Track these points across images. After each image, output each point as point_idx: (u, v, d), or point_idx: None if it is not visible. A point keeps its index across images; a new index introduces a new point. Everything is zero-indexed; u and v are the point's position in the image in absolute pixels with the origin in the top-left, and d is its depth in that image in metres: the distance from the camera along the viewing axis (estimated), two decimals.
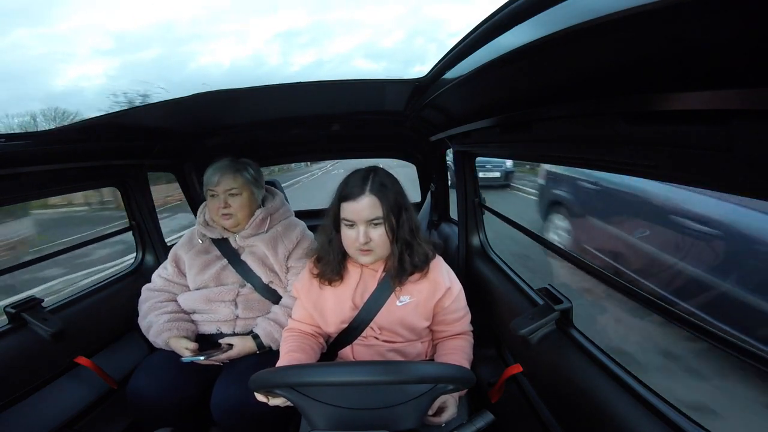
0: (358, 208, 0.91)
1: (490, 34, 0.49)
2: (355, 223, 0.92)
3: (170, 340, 1.20)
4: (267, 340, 1.21)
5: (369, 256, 0.96)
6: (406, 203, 0.98)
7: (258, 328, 1.23)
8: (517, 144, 0.89)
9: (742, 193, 0.41)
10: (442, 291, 1.01)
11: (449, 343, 1.04)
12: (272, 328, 1.21)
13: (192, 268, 1.33)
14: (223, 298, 1.28)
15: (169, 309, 1.27)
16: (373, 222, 0.92)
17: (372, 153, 2.31)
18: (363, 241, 0.92)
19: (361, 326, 1.02)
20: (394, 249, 0.96)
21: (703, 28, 0.30)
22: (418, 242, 0.99)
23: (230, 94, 0.93)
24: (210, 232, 1.35)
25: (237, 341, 1.20)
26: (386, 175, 0.98)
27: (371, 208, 0.91)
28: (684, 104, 0.38)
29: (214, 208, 1.30)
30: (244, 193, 1.31)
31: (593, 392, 0.73)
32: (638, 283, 2.36)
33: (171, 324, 1.22)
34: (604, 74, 0.49)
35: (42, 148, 0.99)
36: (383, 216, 0.92)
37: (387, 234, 0.94)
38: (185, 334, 1.23)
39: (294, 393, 0.71)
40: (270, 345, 1.21)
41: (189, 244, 1.38)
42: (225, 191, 1.29)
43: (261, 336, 1.21)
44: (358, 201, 0.91)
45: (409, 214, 0.98)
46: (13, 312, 1.13)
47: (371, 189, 0.92)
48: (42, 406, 1.13)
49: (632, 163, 0.51)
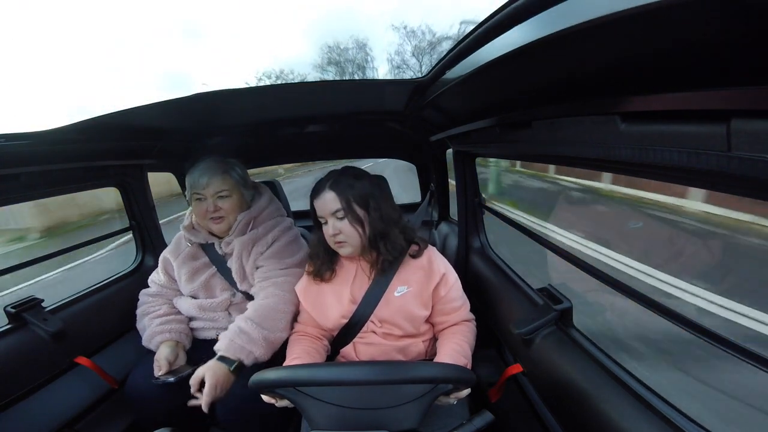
0: (322, 203, 1.01)
1: (490, 34, 0.49)
2: (325, 217, 1.01)
3: (161, 345, 1.18)
4: (234, 353, 1.03)
5: (344, 248, 1.02)
6: (375, 194, 1.03)
7: (218, 345, 1.06)
8: (516, 144, 0.89)
9: (741, 194, 0.41)
10: (437, 277, 1.04)
11: (450, 330, 1.06)
12: (232, 335, 1.05)
13: (181, 275, 1.30)
14: (216, 309, 1.26)
15: (161, 312, 1.26)
16: (337, 215, 1.00)
17: (372, 153, 2.31)
18: (332, 233, 1.00)
19: (361, 320, 1.03)
20: (366, 239, 1.01)
21: (703, 28, 0.31)
22: (393, 230, 1.03)
23: (230, 94, 0.93)
24: (195, 237, 1.29)
25: (204, 372, 0.98)
26: (351, 172, 1.04)
27: (331, 202, 0.99)
28: (683, 104, 0.38)
29: (202, 212, 1.23)
30: (234, 195, 1.25)
31: (593, 392, 0.74)
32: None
33: (162, 327, 1.21)
34: (604, 74, 0.49)
35: (42, 148, 0.99)
36: (343, 207, 0.99)
37: (353, 224, 0.99)
38: (177, 337, 1.20)
39: (294, 393, 0.71)
40: (239, 357, 1.02)
41: (177, 250, 1.34)
42: (214, 194, 1.21)
43: (223, 352, 1.02)
44: (320, 197, 1.01)
45: (378, 204, 1.02)
46: (13, 312, 1.13)
47: (330, 185, 1.01)
48: (42, 406, 1.13)
49: (631, 162, 0.51)
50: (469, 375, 0.75)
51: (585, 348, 0.83)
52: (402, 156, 2.16)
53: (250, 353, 1.04)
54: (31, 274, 5.19)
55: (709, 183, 0.46)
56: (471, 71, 0.60)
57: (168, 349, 1.16)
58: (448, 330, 1.06)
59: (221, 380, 0.98)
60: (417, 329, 1.05)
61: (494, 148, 1.14)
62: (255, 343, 1.05)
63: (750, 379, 1.84)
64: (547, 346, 0.90)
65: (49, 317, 1.17)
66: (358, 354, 1.05)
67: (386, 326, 1.03)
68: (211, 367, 0.99)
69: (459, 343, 1.00)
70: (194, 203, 1.25)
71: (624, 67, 0.45)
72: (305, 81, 0.88)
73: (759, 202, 0.40)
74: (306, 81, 0.88)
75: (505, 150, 1.09)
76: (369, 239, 1.01)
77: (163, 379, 1.09)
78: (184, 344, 1.23)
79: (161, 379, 1.09)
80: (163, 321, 1.23)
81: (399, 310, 1.01)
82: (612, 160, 0.54)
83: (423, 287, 1.04)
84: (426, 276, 1.04)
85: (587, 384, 0.76)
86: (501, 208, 3.84)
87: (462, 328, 1.06)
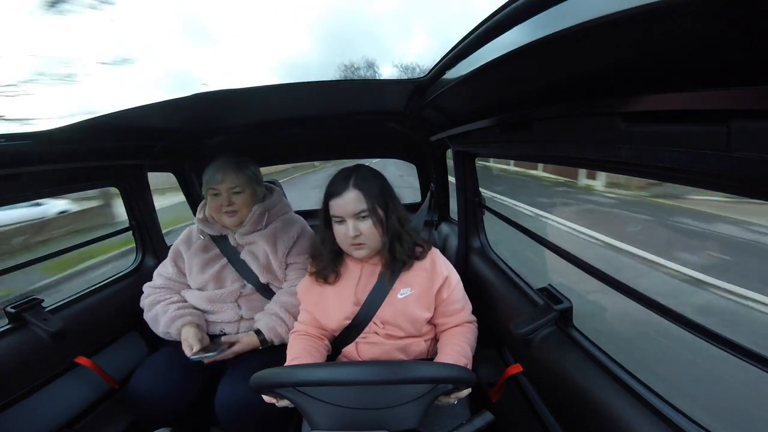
0: (343, 203, 0.96)
1: (490, 34, 0.49)
2: (344, 218, 0.96)
3: (183, 327, 1.20)
4: (270, 335, 1.21)
5: (362, 250, 0.99)
6: (391, 194, 1.03)
7: (260, 323, 1.23)
8: (516, 144, 0.89)
9: (740, 193, 0.41)
10: (440, 280, 1.03)
11: (450, 331, 1.06)
12: (274, 322, 1.21)
13: (192, 266, 1.33)
14: (225, 300, 1.28)
15: (176, 299, 1.29)
16: (360, 215, 0.96)
17: (372, 153, 2.30)
18: (353, 234, 0.96)
19: (364, 322, 1.03)
20: (385, 240, 1.00)
21: (702, 29, 0.31)
22: (406, 231, 1.03)
23: (230, 94, 0.93)
24: (209, 229, 1.35)
25: (242, 336, 1.21)
26: (369, 171, 1.02)
27: (356, 201, 0.95)
28: (683, 104, 0.38)
29: (216, 206, 1.30)
30: (247, 190, 1.32)
31: (593, 392, 0.73)
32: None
33: (182, 311, 1.23)
34: (604, 74, 0.49)
35: (42, 148, 0.99)
36: (368, 208, 0.96)
37: (375, 226, 0.97)
38: (198, 321, 1.24)
39: (295, 393, 0.71)
40: (272, 339, 1.21)
41: (188, 242, 1.38)
42: (228, 189, 1.28)
43: (264, 331, 1.21)
44: (343, 196, 0.96)
45: (395, 205, 1.02)
46: (14, 312, 1.13)
47: (354, 184, 0.97)
48: (42, 406, 1.13)
49: (632, 163, 0.51)
50: (469, 375, 0.75)
51: (585, 348, 0.83)
52: (402, 156, 2.16)
53: (280, 337, 1.21)
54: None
55: (709, 183, 0.45)
56: (471, 71, 0.60)
57: (194, 329, 1.20)
58: (449, 331, 1.06)
59: (248, 350, 1.20)
60: (419, 330, 1.04)
61: (494, 148, 1.14)
62: (286, 332, 1.20)
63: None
64: (547, 346, 0.90)
65: (49, 317, 1.17)
66: (360, 353, 1.04)
67: (389, 327, 1.02)
68: (249, 336, 1.21)
69: (460, 345, 0.99)
70: (209, 198, 1.32)
71: (624, 68, 0.45)
72: (305, 81, 0.88)
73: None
74: (306, 81, 0.88)
75: (505, 150, 1.09)
76: (386, 241, 1.00)
77: (200, 356, 1.11)
78: (203, 327, 1.25)
79: (199, 356, 1.11)
80: (180, 306, 1.25)
81: (402, 313, 1.01)
82: (612, 160, 0.54)
83: (426, 289, 1.03)
84: (429, 278, 1.04)
85: (587, 384, 0.76)
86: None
87: (463, 330, 1.05)
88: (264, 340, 1.21)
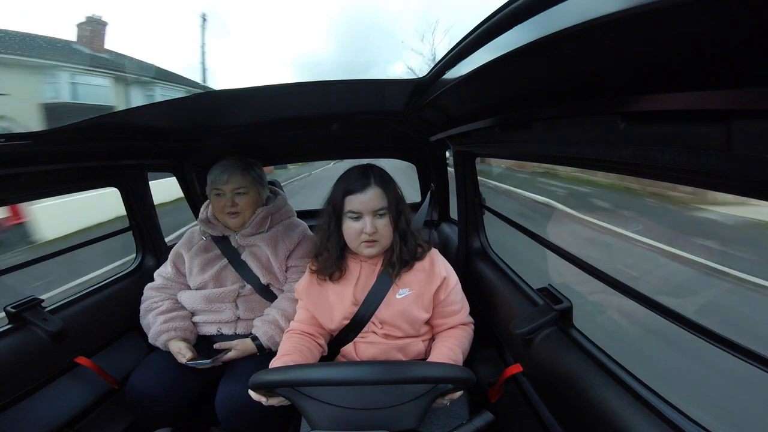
0: (365, 200, 0.96)
1: (490, 34, 0.49)
2: (362, 214, 0.97)
3: (168, 342, 1.20)
4: (267, 343, 1.20)
5: (373, 248, 0.99)
6: (401, 195, 1.06)
7: (257, 330, 1.22)
8: (516, 144, 0.89)
9: (740, 193, 0.41)
10: (438, 281, 1.04)
11: (445, 333, 1.06)
12: (272, 331, 1.20)
13: (192, 267, 1.33)
14: (223, 299, 1.28)
15: (164, 308, 1.27)
16: (379, 212, 0.97)
17: (372, 153, 2.30)
18: (370, 230, 0.96)
19: (362, 321, 1.03)
20: (395, 238, 1.01)
21: (702, 29, 0.30)
22: (411, 232, 1.04)
23: (230, 94, 0.94)
24: (211, 230, 1.35)
25: (237, 344, 1.19)
26: (383, 170, 1.05)
27: (378, 198, 0.97)
28: (683, 104, 0.38)
29: (220, 206, 1.30)
30: (251, 192, 1.32)
31: (593, 392, 0.73)
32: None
33: (167, 325, 1.22)
34: (604, 74, 0.49)
35: (42, 148, 0.99)
36: (388, 206, 0.98)
37: (390, 223, 0.99)
38: (183, 335, 1.22)
39: (294, 393, 0.71)
40: (270, 347, 1.20)
41: (189, 243, 1.38)
42: (233, 190, 1.28)
43: (261, 338, 1.20)
44: (365, 192, 0.97)
45: (405, 205, 1.05)
46: (14, 312, 1.12)
47: (375, 181, 0.98)
48: (42, 406, 1.13)
49: (631, 163, 0.51)
50: (468, 375, 0.75)
51: (585, 348, 0.83)
52: (402, 156, 2.16)
53: (278, 346, 1.15)
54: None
55: (709, 183, 0.45)
56: (471, 71, 0.60)
57: (181, 343, 1.20)
58: (443, 333, 1.06)
59: (246, 355, 1.19)
60: (417, 331, 1.04)
61: (494, 148, 1.14)
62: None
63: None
64: (547, 346, 0.90)
65: (49, 317, 1.17)
66: (359, 353, 1.04)
67: (387, 327, 1.02)
68: (245, 343, 1.20)
69: (451, 348, 0.99)
70: (213, 198, 1.32)
71: (624, 68, 0.45)
72: (305, 81, 0.88)
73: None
74: (306, 81, 0.88)
75: (505, 150, 1.09)
76: (396, 240, 1.01)
77: (195, 363, 1.12)
78: (189, 340, 1.25)
79: (194, 363, 1.12)
80: (167, 319, 1.24)
81: (400, 313, 1.01)
82: (612, 160, 0.54)
83: (424, 290, 1.03)
84: (427, 279, 1.04)
85: (587, 384, 0.76)
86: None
87: (458, 332, 1.05)
88: (260, 346, 1.20)
